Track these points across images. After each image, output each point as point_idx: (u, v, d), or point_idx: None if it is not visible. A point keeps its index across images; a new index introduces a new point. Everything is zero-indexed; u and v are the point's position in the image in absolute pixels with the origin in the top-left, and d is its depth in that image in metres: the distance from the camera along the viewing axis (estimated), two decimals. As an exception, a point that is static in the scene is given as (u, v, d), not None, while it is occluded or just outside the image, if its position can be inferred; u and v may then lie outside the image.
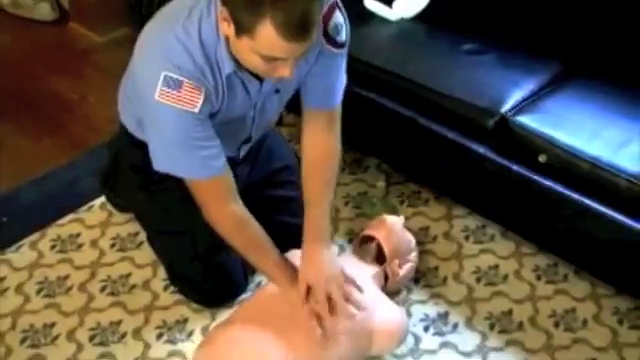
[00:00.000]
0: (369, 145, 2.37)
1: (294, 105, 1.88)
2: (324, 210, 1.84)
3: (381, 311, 1.86)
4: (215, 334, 1.86)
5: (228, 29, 1.49)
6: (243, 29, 1.44)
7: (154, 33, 1.63)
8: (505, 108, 2.00)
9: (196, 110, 1.58)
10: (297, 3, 1.40)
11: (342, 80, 1.81)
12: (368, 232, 2.04)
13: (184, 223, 1.95)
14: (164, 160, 1.70)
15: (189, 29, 1.56)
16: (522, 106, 2.01)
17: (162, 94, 1.55)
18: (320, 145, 1.83)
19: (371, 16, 2.32)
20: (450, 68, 2.14)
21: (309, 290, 1.78)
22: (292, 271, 1.81)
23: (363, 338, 1.81)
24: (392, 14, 2.33)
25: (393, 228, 2.01)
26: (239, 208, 1.76)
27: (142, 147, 1.80)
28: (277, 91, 1.79)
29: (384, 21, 2.32)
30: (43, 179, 2.44)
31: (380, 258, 2.01)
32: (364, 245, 2.05)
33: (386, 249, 1.98)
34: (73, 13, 3.24)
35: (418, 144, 2.16)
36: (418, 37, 2.29)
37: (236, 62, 1.59)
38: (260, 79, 1.68)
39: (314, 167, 1.84)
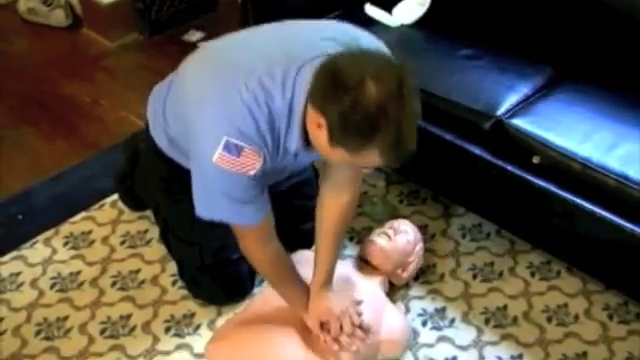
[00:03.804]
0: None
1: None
2: (337, 254, 1.84)
3: (387, 320, 1.89)
4: (229, 330, 1.89)
5: (319, 131, 1.41)
6: (343, 147, 1.38)
7: (215, 85, 1.53)
8: (500, 111, 2.02)
9: (252, 174, 1.52)
10: (406, 133, 1.36)
11: None
12: (364, 256, 2.04)
13: (194, 235, 1.97)
14: (210, 209, 1.63)
15: (257, 95, 1.47)
16: (517, 109, 2.03)
17: (221, 158, 1.48)
18: (338, 201, 1.76)
19: (372, 22, 2.33)
20: (448, 72, 2.16)
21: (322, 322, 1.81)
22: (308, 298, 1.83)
23: (372, 347, 1.86)
24: (392, 20, 2.36)
25: (384, 249, 2.00)
26: (276, 246, 1.73)
27: (168, 161, 1.84)
28: None
29: (384, 27, 2.34)
30: (57, 179, 2.47)
31: None
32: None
33: (383, 271, 2.01)
34: (86, 19, 3.28)
35: (417, 145, 2.16)
36: (417, 43, 2.31)
37: (304, 140, 1.52)
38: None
39: (332, 220, 1.78)
